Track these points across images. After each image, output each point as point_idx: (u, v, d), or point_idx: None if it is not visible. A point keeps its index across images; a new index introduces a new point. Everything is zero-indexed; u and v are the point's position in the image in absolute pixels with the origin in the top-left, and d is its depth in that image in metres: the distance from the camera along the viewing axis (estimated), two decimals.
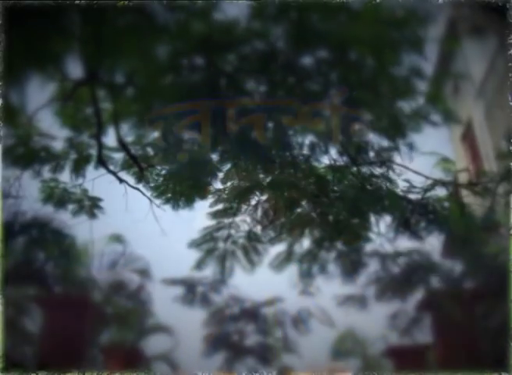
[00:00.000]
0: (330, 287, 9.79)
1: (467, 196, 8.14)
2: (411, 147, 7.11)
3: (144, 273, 14.85)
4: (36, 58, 7.03)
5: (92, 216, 10.65)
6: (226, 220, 8.58)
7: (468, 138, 17.73)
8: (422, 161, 7.93)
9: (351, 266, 8.74)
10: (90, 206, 10.66)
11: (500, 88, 8.36)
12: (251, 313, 10.83)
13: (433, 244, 8.33)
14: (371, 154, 7.58)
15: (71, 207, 10.91)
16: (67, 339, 12.32)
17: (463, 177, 8.79)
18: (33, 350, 17.61)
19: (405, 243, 8.27)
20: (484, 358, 12.35)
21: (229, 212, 8.39)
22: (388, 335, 17.64)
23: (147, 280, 14.96)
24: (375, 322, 13.42)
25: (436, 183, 7.70)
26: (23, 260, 12.89)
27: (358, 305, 10.69)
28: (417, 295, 10.55)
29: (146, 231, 11.00)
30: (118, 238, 14.88)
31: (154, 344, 20.29)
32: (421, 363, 16.31)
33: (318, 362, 33.79)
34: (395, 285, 9.22)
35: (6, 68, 6.98)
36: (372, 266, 8.86)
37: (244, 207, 8.36)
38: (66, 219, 11.59)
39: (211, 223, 8.60)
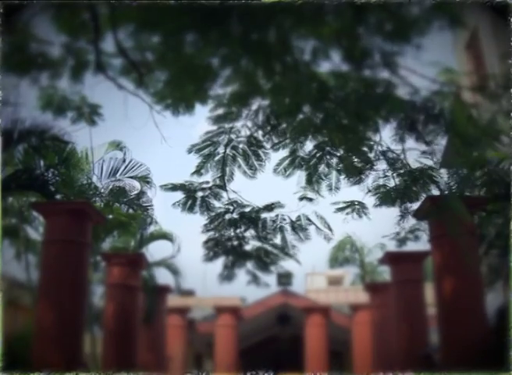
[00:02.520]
0: (332, 193, 9.84)
1: (471, 101, 8.07)
2: (418, 48, 6.96)
3: (145, 179, 14.91)
4: None
5: (91, 123, 10.55)
6: (227, 125, 8.53)
7: (473, 47, 17.48)
8: (425, 71, 7.81)
9: (354, 172, 8.73)
10: (90, 113, 10.56)
11: None
12: (251, 218, 10.92)
13: (436, 148, 8.30)
14: (376, 59, 7.45)
15: (70, 114, 10.82)
16: (68, 246, 12.45)
17: (467, 83, 8.68)
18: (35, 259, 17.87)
19: (408, 147, 8.25)
20: (482, 268, 12.55)
21: (230, 117, 8.32)
22: (386, 243, 17.90)
23: (147, 187, 15.04)
24: (375, 229, 13.57)
25: (442, 87, 7.60)
26: (23, 168, 12.89)
27: (359, 211, 10.78)
28: (419, 202, 10.61)
29: (146, 138, 10.97)
30: (118, 145, 14.86)
31: (155, 250, 20.68)
32: (418, 271, 16.63)
33: (316, 267, 34.38)
34: (397, 191, 9.24)
35: None
36: (375, 172, 8.86)
37: (245, 112, 8.29)
38: (66, 126, 11.53)
39: (212, 127, 8.56)
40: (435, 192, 9.94)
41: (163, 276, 21.38)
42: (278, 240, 11.42)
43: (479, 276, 12.21)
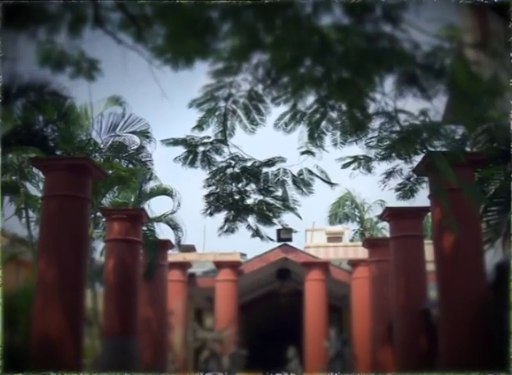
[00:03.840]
0: (333, 148, 9.80)
1: (473, 58, 7.98)
2: (419, 2, 6.86)
3: (144, 134, 14.89)
4: None
5: (90, 78, 10.43)
6: (227, 79, 8.43)
7: (477, 3, 17.21)
8: (427, 27, 7.69)
9: (355, 126, 8.67)
10: (88, 68, 10.44)
11: None
12: (253, 173, 10.91)
13: (437, 105, 8.23)
14: (377, 13, 7.34)
15: (69, 69, 10.70)
16: (68, 201, 12.48)
17: (470, 39, 8.58)
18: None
19: (410, 102, 8.15)
20: (481, 224, 12.58)
21: (230, 71, 8.21)
22: (386, 199, 17.91)
23: (146, 142, 15.03)
24: (375, 186, 13.57)
25: (443, 43, 7.50)
26: (22, 123, 12.86)
27: (359, 167, 10.77)
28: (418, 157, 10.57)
29: (145, 93, 10.91)
30: (117, 100, 14.81)
31: (155, 206, 20.71)
32: (418, 226, 16.70)
33: (316, 224, 34.52)
34: (397, 146, 9.19)
35: None
36: (376, 126, 8.78)
37: (245, 66, 8.18)
38: (64, 81, 11.46)
39: (212, 82, 8.46)
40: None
41: (163, 233, 21.48)
42: (279, 194, 11.45)
43: (478, 232, 12.26)
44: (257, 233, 12.02)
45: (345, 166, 10.80)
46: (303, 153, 10.42)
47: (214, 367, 21.55)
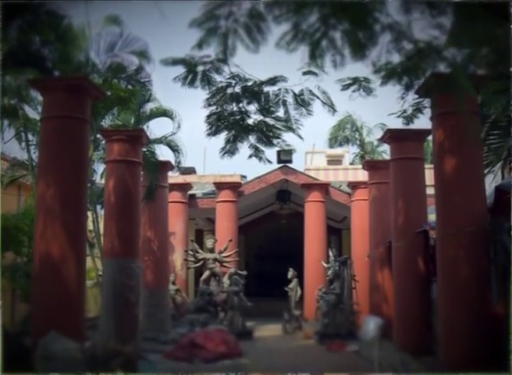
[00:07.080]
0: (336, 69, 9.64)
1: None
2: None
3: (143, 54, 14.64)
4: None
5: None
6: None
7: None
8: None
9: (359, 46, 8.48)
10: None
11: None
12: (254, 92, 10.79)
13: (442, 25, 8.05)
14: None
15: None
16: (67, 122, 12.40)
17: None
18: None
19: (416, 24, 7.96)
20: (482, 148, 12.54)
21: None
22: (387, 122, 17.80)
23: (145, 62, 14.80)
24: (376, 109, 13.49)
25: None
26: (18, 44, 12.62)
27: (359, 89, 10.65)
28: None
29: (144, 12, 10.67)
30: (115, 20, 14.48)
31: (156, 128, 20.60)
32: (419, 149, 16.65)
33: (316, 147, 34.23)
34: (402, 66, 9.03)
35: None
36: (380, 47, 8.58)
37: None
38: (61, 1, 11.22)
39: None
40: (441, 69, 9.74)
41: (164, 154, 21.47)
42: (280, 114, 11.37)
43: (479, 156, 12.23)
44: (256, 153, 12.00)
45: (345, 87, 10.68)
46: (304, 73, 10.28)
47: (214, 287, 21.90)
